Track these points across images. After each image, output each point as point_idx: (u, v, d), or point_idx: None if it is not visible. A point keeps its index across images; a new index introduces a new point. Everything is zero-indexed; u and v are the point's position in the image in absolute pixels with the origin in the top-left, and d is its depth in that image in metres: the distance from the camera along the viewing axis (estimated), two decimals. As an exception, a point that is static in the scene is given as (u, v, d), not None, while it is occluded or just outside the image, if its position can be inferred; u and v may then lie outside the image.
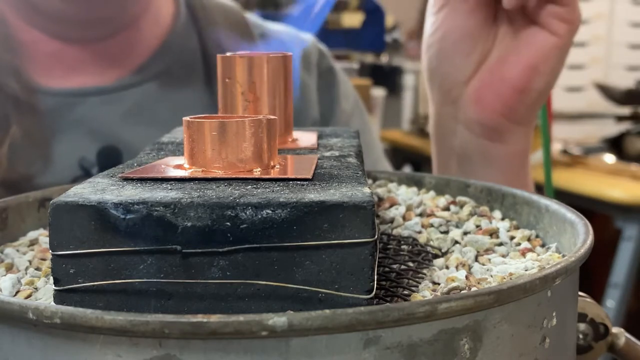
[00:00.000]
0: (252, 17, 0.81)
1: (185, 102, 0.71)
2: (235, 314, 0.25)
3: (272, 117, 0.33)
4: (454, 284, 0.32)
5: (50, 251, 0.27)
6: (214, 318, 0.23)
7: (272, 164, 0.32)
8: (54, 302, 0.28)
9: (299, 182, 0.29)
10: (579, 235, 0.34)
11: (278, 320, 0.23)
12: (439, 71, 0.62)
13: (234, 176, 0.30)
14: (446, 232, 0.40)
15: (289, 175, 0.30)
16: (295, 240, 0.26)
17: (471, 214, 0.42)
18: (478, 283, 0.33)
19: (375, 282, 0.27)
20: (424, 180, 0.47)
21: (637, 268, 1.91)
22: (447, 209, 0.43)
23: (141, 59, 0.71)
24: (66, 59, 0.69)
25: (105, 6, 0.68)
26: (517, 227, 0.41)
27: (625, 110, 2.56)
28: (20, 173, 0.64)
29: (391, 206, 0.43)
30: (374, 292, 0.26)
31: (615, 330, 0.38)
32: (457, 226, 0.41)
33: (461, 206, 0.43)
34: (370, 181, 0.48)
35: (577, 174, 2.10)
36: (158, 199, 0.27)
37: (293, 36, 0.82)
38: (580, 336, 0.37)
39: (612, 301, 1.88)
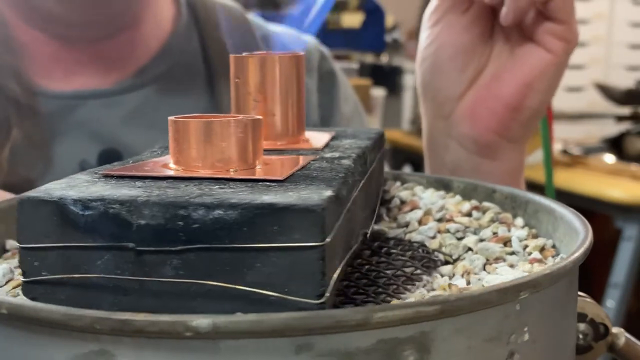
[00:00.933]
0: (254, 18, 0.81)
1: (186, 105, 0.71)
2: (187, 313, 0.25)
3: (257, 117, 0.33)
4: (435, 293, 0.31)
5: (18, 244, 0.28)
6: (140, 317, 0.23)
7: (254, 164, 0.32)
8: (22, 292, 0.28)
9: (268, 184, 0.29)
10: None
11: (202, 322, 0.23)
12: (432, 85, 0.61)
13: (208, 176, 0.30)
14: (462, 239, 0.39)
15: (260, 176, 0.30)
16: (245, 242, 0.26)
17: (492, 221, 0.41)
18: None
19: (331, 287, 0.26)
20: (452, 184, 0.45)
21: (637, 268, 1.91)
22: (469, 214, 0.42)
23: (142, 61, 0.71)
24: (66, 61, 0.68)
25: (106, 7, 0.68)
26: (535, 236, 0.39)
27: (625, 110, 2.56)
28: (21, 176, 0.64)
29: (412, 210, 0.42)
30: (324, 298, 0.26)
31: (615, 330, 0.38)
32: (475, 233, 0.39)
33: (484, 212, 0.42)
34: (398, 183, 0.47)
35: (577, 174, 2.10)
36: (115, 197, 0.27)
37: (294, 37, 0.82)
38: (580, 336, 0.36)
39: (612, 301, 1.88)
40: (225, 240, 0.26)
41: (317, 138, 0.41)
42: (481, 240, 0.38)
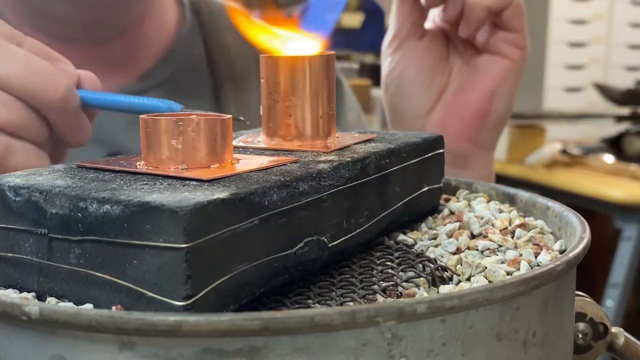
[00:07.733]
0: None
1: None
2: (88, 300, 0.28)
3: (227, 116, 0.33)
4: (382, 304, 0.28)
5: None
6: None
7: (210, 162, 0.32)
8: None
9: (193, 183, 0.30)
10: None
11: (32, 308, 0.24)
12: (400, 106, 0.64)
13: (152, 172, 0.31)
14: (488, 257, 0.36)
15: (194, 176, 0.30)
16: (125, 238, 0.27)
17: (529, 241, 0.38)
18: None
19: (205, 290, 0.26)
20: (516, 198, 0.44)
21: (636, 268, 1.91)
22: (513, 232, 0.38)
23: (146, 65, 0.70)
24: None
25: (110, 6, 0.67)
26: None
27: (625, 111, 2.57)
28: None
29: (454, 222, 0.40)
30: (192, 300, 0.26)
31: (614, 329, 0.38)
32: (504, 252, 0.36)
33: (529, 230, 0.39)
34: (465, 192, 0.46)
35: (576, 174, 2.10)
36: (38, 186, 0.29)
37: None
38: (580, 336, 0.37)
39: (611, 301, 1.88)
40: (111, 234, 0.27)
41: (341, 139, 0.40)
42: (502, 262, 0.35)
